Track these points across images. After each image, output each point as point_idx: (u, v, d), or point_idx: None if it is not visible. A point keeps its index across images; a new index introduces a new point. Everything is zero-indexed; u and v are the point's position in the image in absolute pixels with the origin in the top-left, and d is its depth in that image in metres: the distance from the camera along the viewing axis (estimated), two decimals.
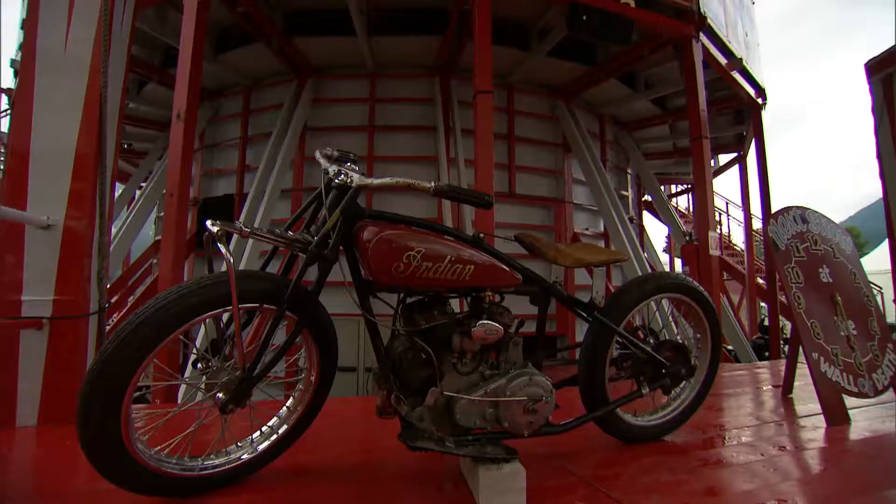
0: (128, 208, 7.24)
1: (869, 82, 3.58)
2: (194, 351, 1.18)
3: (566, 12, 4.25)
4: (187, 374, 3.39)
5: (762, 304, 8.64)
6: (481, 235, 1.30)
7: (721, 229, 14.57)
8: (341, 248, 1.20)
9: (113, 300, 6.67)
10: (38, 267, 2.09)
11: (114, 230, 5.82)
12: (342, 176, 1.18)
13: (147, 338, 1.01)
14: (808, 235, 2.42)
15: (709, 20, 4.96)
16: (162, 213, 5.16)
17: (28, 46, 2.26)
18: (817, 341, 2.11)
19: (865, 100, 3.59)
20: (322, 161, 1.29)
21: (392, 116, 5.54)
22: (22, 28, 5.30)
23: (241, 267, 4.53)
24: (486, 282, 1.27)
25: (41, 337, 2.05)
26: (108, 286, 2.59)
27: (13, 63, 6.11)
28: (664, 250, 12.94)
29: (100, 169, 2.24)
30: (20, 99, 2.24)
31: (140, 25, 4.60)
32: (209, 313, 1.09)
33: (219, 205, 5.90)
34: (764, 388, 2.90)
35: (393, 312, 1.29)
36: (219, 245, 1.04)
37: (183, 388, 2.37)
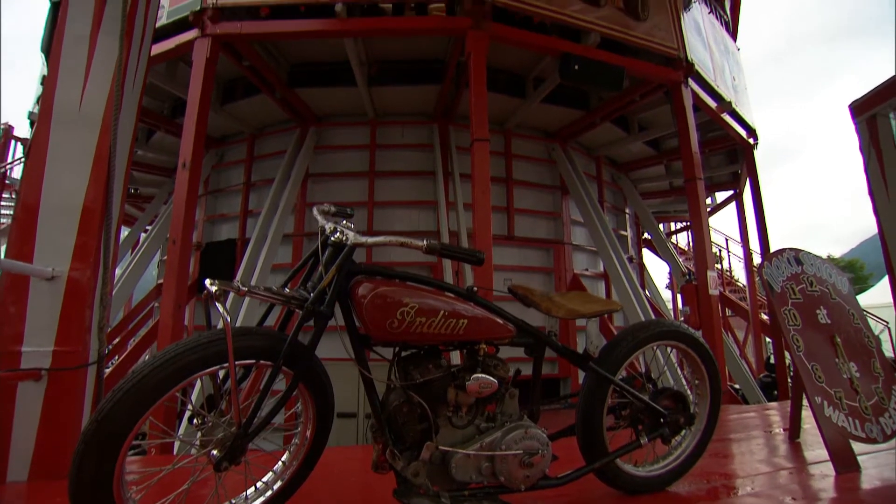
0: (132, 252, 7.32)
1: (854, 122, 3.67)
2: (189, 407, 1.19)
3: (558, 62, 4.42)
4: (182, 428, 3.35)
5: (767, 339, 8.53)
6: (475, 288, 1.33)
7: (722, 264, 14.55)
8: (337, 303, 1.23)
9: (115, 342, 6.66)
10: (40, 318, 2.12)
11: (117, 273, 5.87)
12: (338, 234, 1.22)
13: (143, 398, 1.03)
14: (803, 277, 2.42)
15: (696, 66, 5.15)
16: (165, 257, 5.22)
17: (46, 103, 2.37)
18: (819, 384, 2.08)
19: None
20: (319, 218, 1.34)
21: (392, 162, 5.67)
22: (41, 84, 5.54)
23: (243, 313, 4.54)
24: (480, 335, 1.29)
25: (38, 389, 2.05)
26: (109, 330, 2.61)
27: (30, 115, 6.34)
28: (667, 287, 12.91)
29: (105, 221, 2.30)
30: (34, 152, 2.32)
31: (151, 79, 4.80)
32: (206, 370, 1.11)
33: (221, 249, 5.96)
34: (771, 431, 2.84)
35: (388, 366, 1.31)
36: (216, 304, 1.07)
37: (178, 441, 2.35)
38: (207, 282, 1.08)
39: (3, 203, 8.72)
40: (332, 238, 1.22)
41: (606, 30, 4.50)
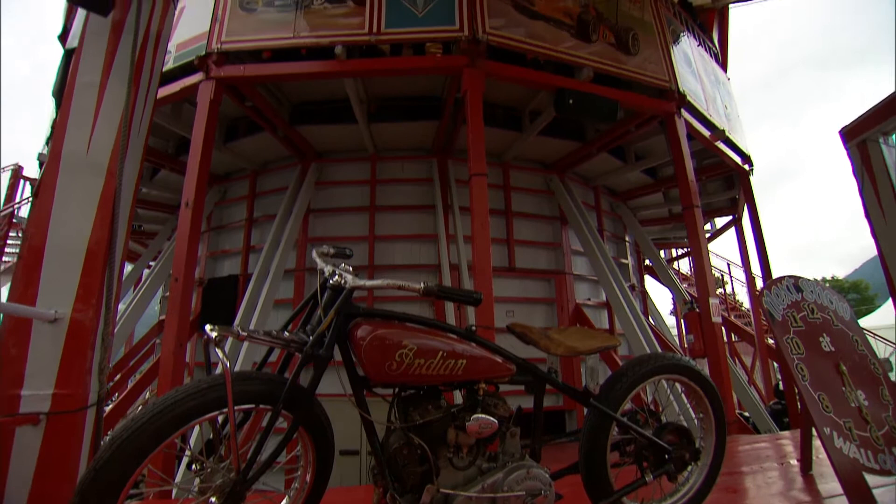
0: (134, 289, 7.34)
1: (846, 147, 3.71)
2: (188, 452, 1.19)
3: (553, 97, 4.54)
4: (180, 474, 3.29)
5: (775, 364, 8.40)
6: (473, 328, 1.34)
7: (725, 289, 14.46)
8: (337, 345, 1.24)
9: (115, 378, 6.61)
10: (41, 360, 2.11)
11: (119, 309, 5.87)
12: (336, 277, 1.24)
13: (142, 445, 1.03)
14: (804, 304, 2.42)
15: (688, 97, 5.27)
16: (167, 293, 5.23)
17: (55, 147, 2.43)
18: (827, 415, 2.04)
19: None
20: (318, 261, 1.36)
21: (392, 197, 5.74)
22: (52, 126, 5.69)
23: (244, 352, 4.51)
24: (480, 374, 1.29)
25: (36, 433, 2.02)
26: (110, 369, 2.59)
27: (40, 156, 6.49)
28: (671, 313, 12.81)
29: (108, 263, 2.33)
30: (42, 195, 2.37)
31: (156, 119, 4.93)
32: (205, 416, 1.11)
33: (223, 285, 5.98)
34: (784, 463, 2.78)
35: (388, 407, 1.30)
36: (216, 350, 1.08)
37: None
38: (207, 327, 1.10)
39: (9, 241, 8.81)
40: (331, 281, 1.24)
41: (599, 65, 4.63)
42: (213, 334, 1.10)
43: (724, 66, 7.69)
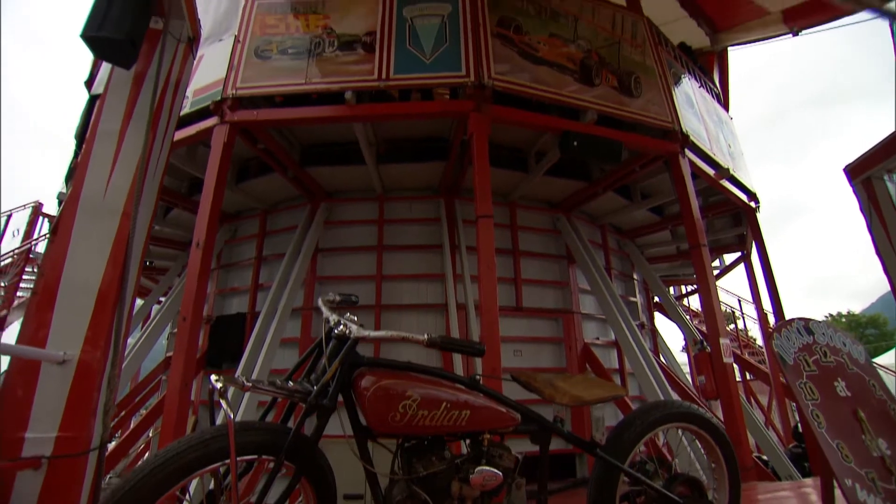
0: (143, 326, 7.37)
1: (851, 185, 3.71)
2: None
3: (558, 139, 4.63)
4: None
5: (793, 403, 8.13)
6: (478, 377, 1.33)
7: (737, 324, 14.21)
8: (341, 394, 1.24)
9: (120, 415, 6.55)
10: (47, 402, 2.11)
11: (128, 343, 5.89)
12: (341, 327, 1.25)
13: (142, 498, 1.02)
14: (815, 347, 2.37)
15: (691, 137, 5.35)
16: (175, 330, 5.25)
17: (74, 191, 2.51)
18: (847, 465, 1.97)
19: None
20: (324, 309, 1.38)
21: (400, 236, 5.80)
22: (71, 166, 5.88)
23: (246, 397, 4.48)
24: (484, 425, 1.27)
25: (37, 478, 2.00)
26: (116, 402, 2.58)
27: (60, 195, 6.69)
28: (682, 350, 12.58)
29: (119, 304, 2.36)
30: (60, 237, 2.43)
31: (171, 160, 5.08)
32: (208, 468, 1.11)
33: (231, 323, 5.99)
34: None
35: (392, 457, 1.29)
36: (221, 401, 1.08)
37: None
38: (213, 378, 1.11)
39: (24, 277, 8.95)
40: (336, 331, 1.25)
41: (602, 107, 4.74)
42: (219, 385, 1.10)
43: (725, 106, 7.83)
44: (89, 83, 6.28)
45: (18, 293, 8.74)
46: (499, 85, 4.29)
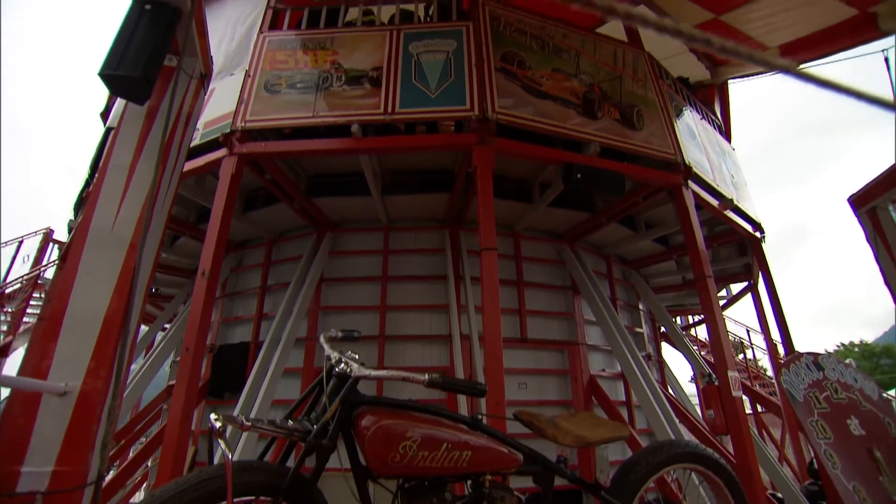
0: (146, 354, 7.35)
1: (856, 215, 3.69)
2: None
3: (562, 171, 4.68)
4: None
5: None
6: (480, 416, 1.31)
7: (745, 354, 13.96)
8: (341, 433, 1.22)
9: (119, 444, 6.46)
10: (46, 435, 2.08)
11: (132, 369, 5.86)
12: (342, 365, 1.25)
13: None
14: (826, 384, 2.32)
15: (694, 168, 5.39)
16: (178, 358, 5.23)
17: (84, 223, 2.55)
18: None
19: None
20: (325, 346, 1.37)
21: (404, 267, 5.81)
22: (81, 195, 5.99)
23: (246, 434, 4.42)
24: (486, 466, 1.25)
25: None
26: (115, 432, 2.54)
27: (70, 223, 6.78)
28: (691, 380, 12.34)
29: (122, 335, 2.36)
30: (68, 267, 2.45)
31: (180, 190, 5.16)
32: None
33: (234, 352, 5.96)
34: None
35: (392, 498, 1.26)
36: (219, 442, 1.07)
37: None
38: (212, 416, 1.10)
39: (31, 303, 9.00)
40: (337, 369, 1.24)
41: (605, 140, 4.81)
42: (218, 424, 1.10)
43: (727, 136, 7.91)
44: (105, 115, 6.46)
45: (25, 318, 8.79)
46: (502, 118, 4.36)
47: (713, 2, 6.28)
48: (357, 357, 1.30)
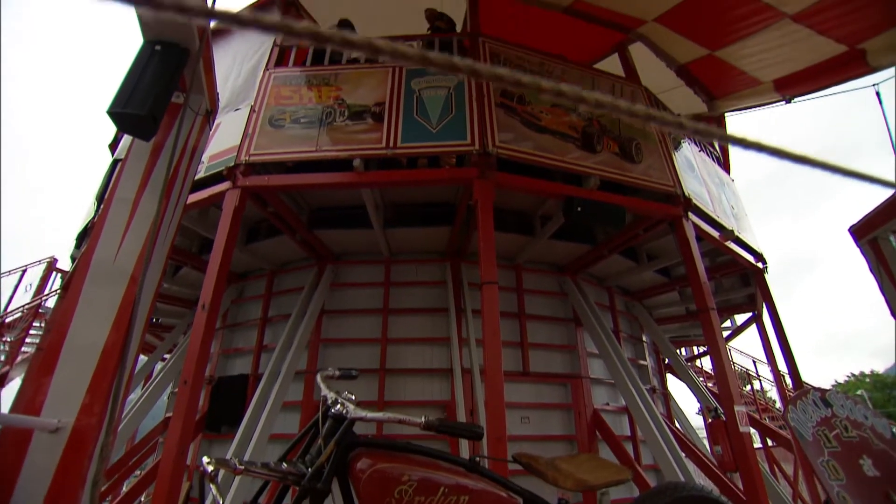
0: (144, 385, 7.26)
1: (858, 245, 3.67)
2: None
3: (562, 204, 4.71)
4: None
5: None
6: (478, 459, 1.28)
7: (754, 384, 13.69)
8: (336, 476, 1.19)
9: (113, 478, 6.30)
10: (35, 472, 2.04)
11: (125, 409, 5.77)
12: (339, 406, 1.23)
13: None
14: (835, 421, 2.26)
15: (694, 200, 5.43)
16: (177, 389, 5.17)
17: (86, 255, 2.56)
18: None
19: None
20: (322, 386, 1.35)
21: (405, 299, 5.79)
22: (87, 226, 6.03)
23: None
24: None
25: None
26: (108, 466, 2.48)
27: (73, 254, 6.81)
28: (698, 412, 12.10)
29: (119, 370, 2.34)
30: (68, 300, 2.45)
31: (183, 222, 5.20)
32: None
33: (233, 385, 5.89)
34: None
35: None
36: (210, 486, 1.04)
37: None
38: (205, 460, 1.08)
39: (31, 332, 8.96)
40: (333, 410, 1.22)
41: (605, 173, 4.86)
42: (209, 468, 1.07)
43: (726, 168, 7.99)
44: (113, 146, 6.58)
45: (23, 348, 8.73)
46: (503, 153, 4.42)
47: (707, 38, 6.45)
48: (354, 398, 1.27)
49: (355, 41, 0.53)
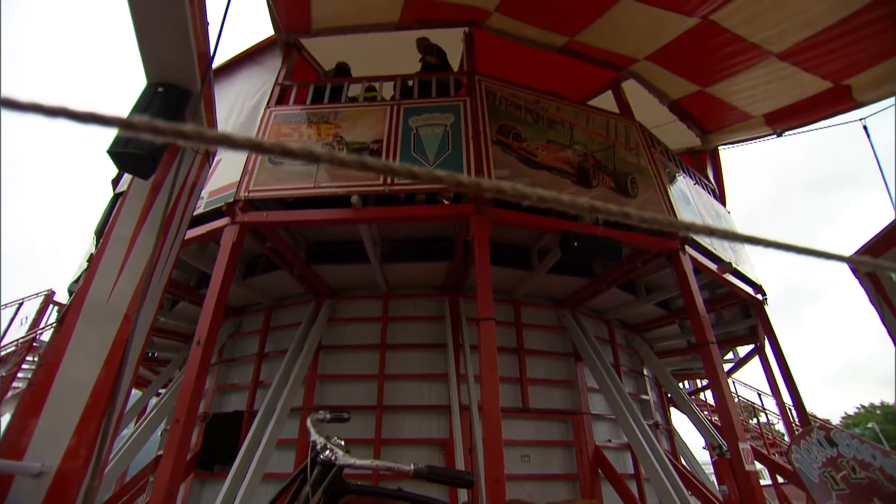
0: (136, 422, 7.10)
1: (856, 277, 3.66)
2: None
3: (559, 239, 4.73)
4: None
5: None
6: None
7: (760, 417, 13.37)
8: None
9: None
10: None
11: (116, 446, 5.63)
12: (327, 452, 1.20)
13: None
14: (842, 462, 2.19)
15: (691, 233, 5.44)
16: (170, 426, 5.05)
17: (81, 293, 2.55)
18: None
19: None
20: (311, 430, 1.33)
21: (403, 335, 5.74)
22: (87, 261, 6.04)
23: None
24: None
25: None
26: None
27: (70, 288, 6.78)
28: (704, 447, 11.78)
29: (108, 412, 2.29)
30: (60, 337, 2.43)
31: (181, 256, 5.21)
32: None
33: (227, 421, 5.76)
34: None
35: None
36: None
37: None
38: None
39: (24, 366, 8.83)
40: (322, 456, 1.19)
41: (601, 215, 4.88)
42: None
43: (722, 200, 8.07)
44: (115, 181, 6.66)
45: (15, 383, 8.58)
46: None
47: (698, 75, 6.64)
48: (343, 444, 1.25)
49: (294, 151, 0.57)
